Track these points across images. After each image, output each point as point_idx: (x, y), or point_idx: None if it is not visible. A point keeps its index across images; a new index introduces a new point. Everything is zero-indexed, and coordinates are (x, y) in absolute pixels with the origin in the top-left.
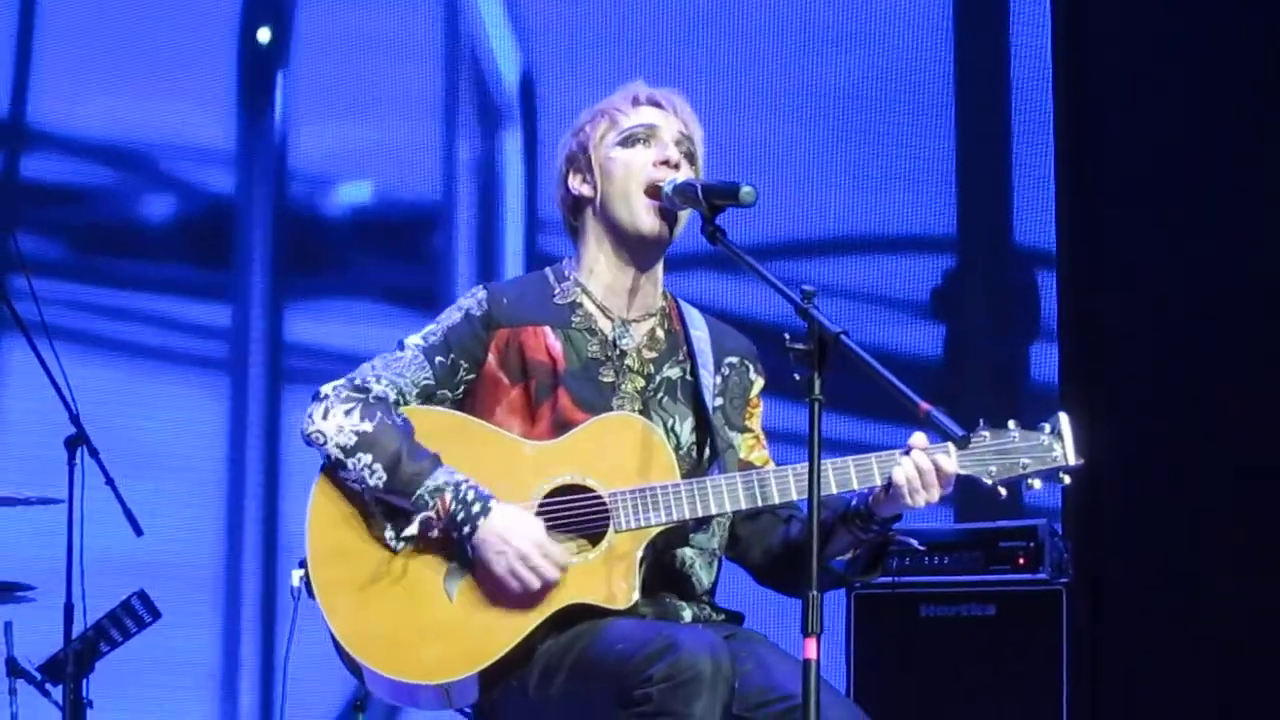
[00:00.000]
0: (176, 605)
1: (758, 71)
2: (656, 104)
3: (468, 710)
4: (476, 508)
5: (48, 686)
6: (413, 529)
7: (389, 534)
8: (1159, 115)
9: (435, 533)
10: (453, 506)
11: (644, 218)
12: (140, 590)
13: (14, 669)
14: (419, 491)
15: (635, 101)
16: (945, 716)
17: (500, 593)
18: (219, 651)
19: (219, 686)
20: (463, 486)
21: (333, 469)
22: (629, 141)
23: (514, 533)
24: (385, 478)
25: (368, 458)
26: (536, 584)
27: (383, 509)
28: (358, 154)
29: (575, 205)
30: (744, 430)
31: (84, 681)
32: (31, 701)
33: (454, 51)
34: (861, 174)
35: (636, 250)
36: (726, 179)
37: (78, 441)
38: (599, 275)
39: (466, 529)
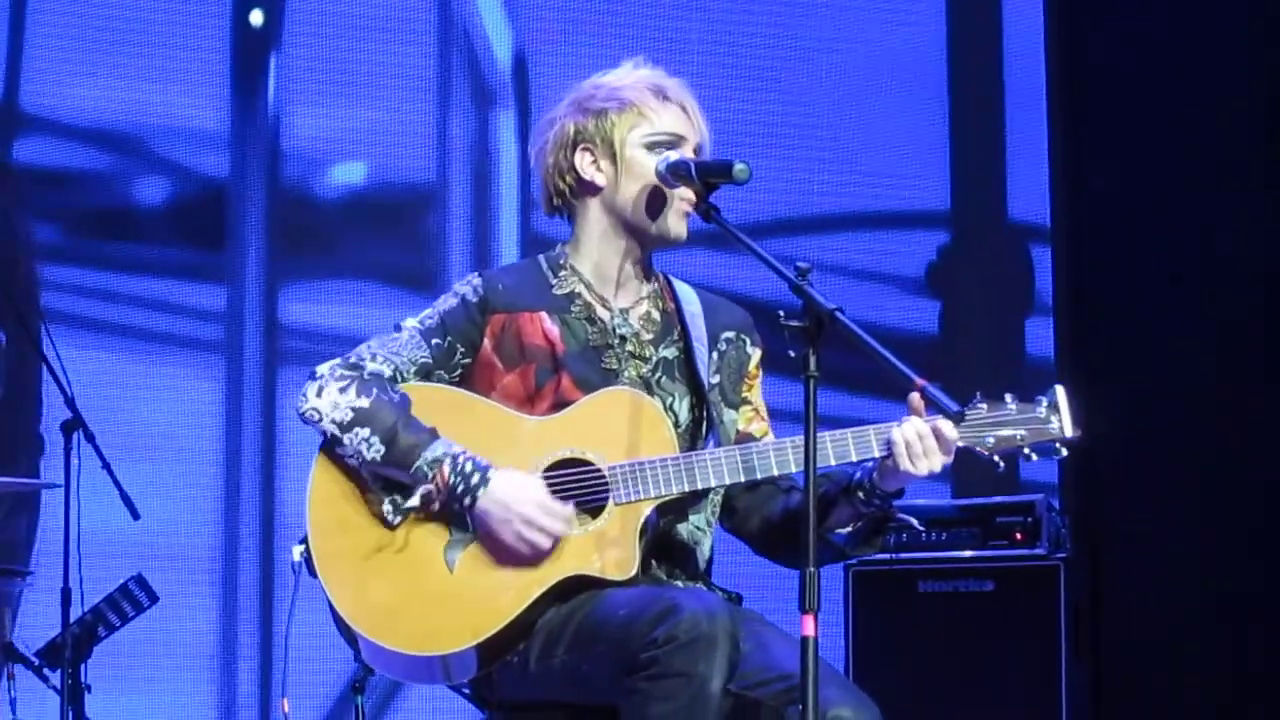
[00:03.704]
0: (174, 589)
1: (750, 48)
2: (682, 107)
3: (465, 690)
4: (475, 479)
5: (46, 671)
6: (414, 501)
7: (387, 507)
8: (1153, 87)
9: (436, 506)
10: (451, 479)
11: (677, 224)
12: (138, 574)
13: (12, 654)
14: (417, 463)
15: (662, 97)
16: (944, 692)
17: (505, 561)
18: (217, 634)
19: (217, 669)
20: (460, 459)
21: (330, 445)
22: (656, 148)
23: (515, 499)
24: (383, 450)
25: (364, 432)
26: (546, 544)
27: (381, 483)
28: (351, 135)
29: (578, 185)
30: (741, 404)
31: (82, 666)
32: (30, 686)
33: (446, 31)
34: (855, 150)
35: (646, 243)
36: (720, 156)
37: (74, 426)
38: (595, 260)
39: (467, 500)
